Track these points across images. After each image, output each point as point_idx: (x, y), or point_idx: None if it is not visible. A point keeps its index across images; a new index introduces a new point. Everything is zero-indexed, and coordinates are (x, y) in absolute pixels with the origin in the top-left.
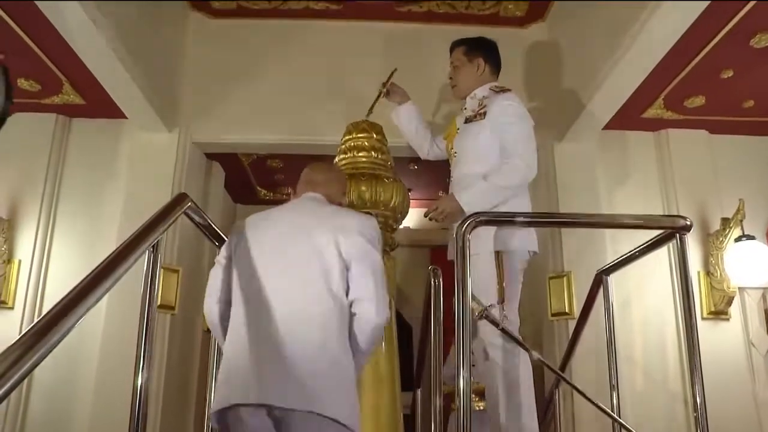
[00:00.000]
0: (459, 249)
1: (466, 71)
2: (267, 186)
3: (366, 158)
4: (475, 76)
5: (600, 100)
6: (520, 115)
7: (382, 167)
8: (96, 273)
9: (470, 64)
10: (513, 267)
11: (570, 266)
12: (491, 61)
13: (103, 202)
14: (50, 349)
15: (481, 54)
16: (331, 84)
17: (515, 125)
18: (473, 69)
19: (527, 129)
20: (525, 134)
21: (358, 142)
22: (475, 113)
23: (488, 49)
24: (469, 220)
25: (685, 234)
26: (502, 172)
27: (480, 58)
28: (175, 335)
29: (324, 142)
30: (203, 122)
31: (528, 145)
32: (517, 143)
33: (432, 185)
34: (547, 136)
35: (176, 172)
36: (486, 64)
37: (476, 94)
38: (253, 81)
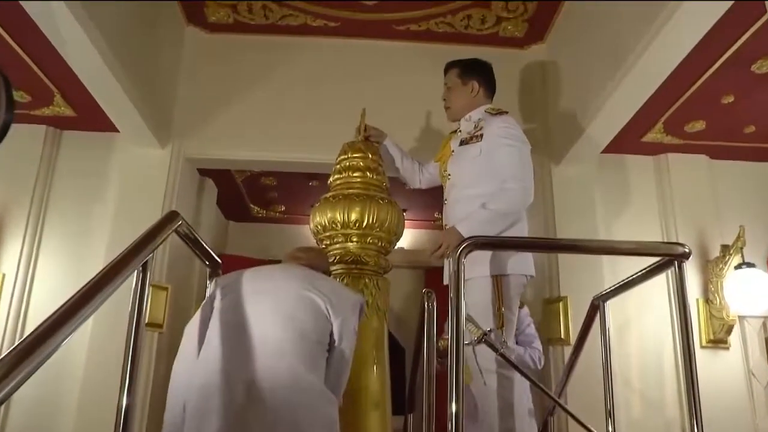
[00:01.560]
0: (454, 273)
1: (460, 93)
2: (260, 203)
3: (361, 179)
4: (469, 99)
5: (599, 124)
6: (517, 138)
7: (377, 188)
8: (83, 293)
9: (464, 87)
10: (510, 291)
11: (566, 291)
12: (486, 83)
13: (92, 217)
14: (34, 369)
15: (475, 76)
16: (327, 102)
17: (513, 148)
18: (467, 91)
19: (525, 152)
20: (522, 158)
21: (353, 162)
22: (471, 136)
23: (483, 71)
24: (464, 244)
25: (683, 261)
26: (500, 197)
27: (474, 81)
28: (162, 353)
29: (319, 161)
30: (197, 138)
31: (525, 169)
32: (515, 167)
33: (428, 206)
34: (544, 159)
35: (168, 188)
36: (480, 87)
37: (471, 117)
38: (248, 97)
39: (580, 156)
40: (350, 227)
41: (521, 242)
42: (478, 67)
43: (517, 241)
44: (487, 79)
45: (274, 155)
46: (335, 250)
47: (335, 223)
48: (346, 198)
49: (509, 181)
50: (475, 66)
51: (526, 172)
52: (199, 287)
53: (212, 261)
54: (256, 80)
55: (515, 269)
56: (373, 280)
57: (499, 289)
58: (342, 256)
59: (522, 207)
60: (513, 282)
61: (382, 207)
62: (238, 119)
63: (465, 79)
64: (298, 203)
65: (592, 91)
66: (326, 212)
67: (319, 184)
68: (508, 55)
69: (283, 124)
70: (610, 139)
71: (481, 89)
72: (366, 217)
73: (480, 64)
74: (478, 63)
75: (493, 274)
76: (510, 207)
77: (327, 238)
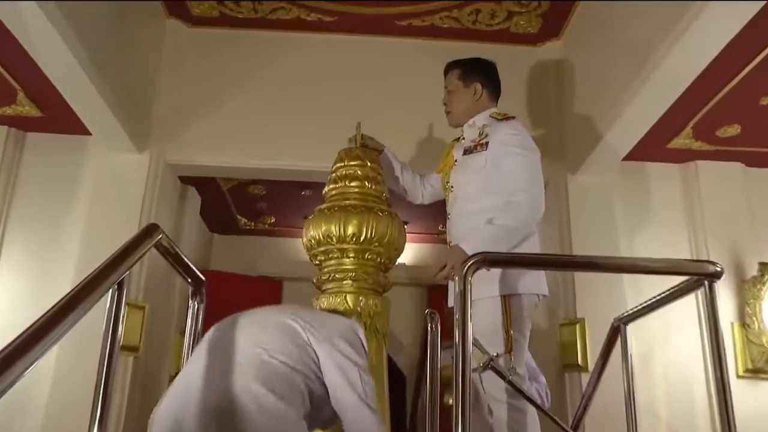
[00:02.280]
0: (459, 293)
1: (462, 96)
2: (248, 215)
3: (358, 189)
4: (471, 102)
5: (620, 128)
6: (525, 146)
7: (376, 199)
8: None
9: (466, 89)
10: (521, 313)
11: (583, 313)
12: (490, 85)
13: (60, 229)
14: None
15: (478, 77)
16: (322, 104)
17: (521, 157)
18: (469, 94)
19: (534, 161)
20: (531, 167)
21: (350, 171)
22: (475, 144)
23: (486, 71)
24: (470, 262)
25: (715, 281)
26: (508, 211)
27: (477, 82)
28: (138, 379)
29: (312, 169)
30: (178, 142)
31: (534, 180)
32: (523, 178)
33: (431, 218)
34: (559, 167)
35: (146, 198)
36: (484, 89)
37: (475, 123)
38: (235, 98)
39: (598, 164)
40: (347, 242)
41: (533, 259)
42: (481, 68)
43: (529, 257)
44: (491, 80)
45: (264, 162)
46: (330, 267)
47: (330, 237)
48: (342, 210)
49: (517, 194)
50: (478, 66)
51: (536, 183)
52: (180, 306)
53: (195, 278)
54: (245, 79)
55: (526, 288)
56: (371, 300)
57: (508, 310)
58: (337, 273)
59: (532, 221)
60: (524, 302)
61: (382, 220)
62: (225, 122)
63: (467, 80)
64: (290, 215)
65: (613, 92)
66: (320, 225)
67: (312, 194)
68: (519, 53)
69: (273, 128)
70: (632, 145)
71: (484, 92)
72: (364, 231)
73: (483, 63)
74: (480, 63)
75: (502, 293)
76: (519, 222)
77: (321, 254)
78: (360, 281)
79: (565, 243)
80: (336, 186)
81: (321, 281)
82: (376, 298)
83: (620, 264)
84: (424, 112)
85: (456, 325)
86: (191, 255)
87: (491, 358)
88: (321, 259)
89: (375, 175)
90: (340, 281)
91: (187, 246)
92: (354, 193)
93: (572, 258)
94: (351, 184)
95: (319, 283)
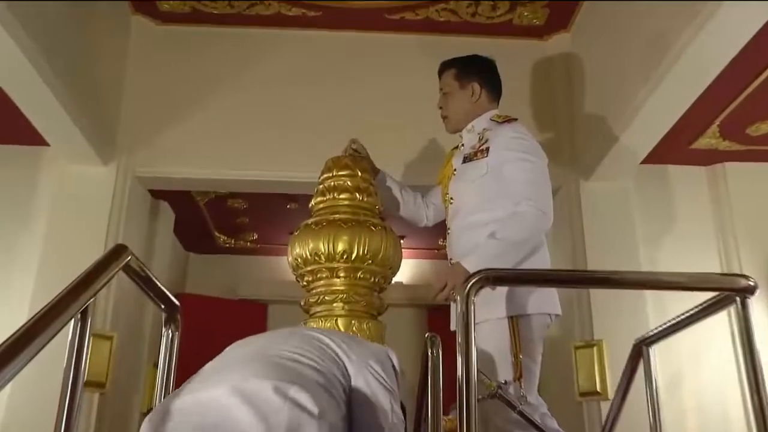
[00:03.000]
0: (462, 315)
1: (459, 99)
2: (228, 231)
3: (348, 201)
4: (469, 104)
5: (638, 128)
6: (530, 150)
7: (368, 212)
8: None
9: (462, 90)
10: (530, 335)
11: (601, 334)
12: (489, 84)
13: (15, 251)
14: None
15: (475, 76)
16: (307, 109)
17: (525, 163)
18: (466, 95)
19: (539, 167)
20: (537, 173)
21: (338, 182)
22: (475, 150)
23: (484, 69)
24: (473, 279)
25: (748, 297)
26: (511, 223)
27: (474, 82)
28: (105, 419)
29: (298, 179)
30: (148, 152)
31: (540, 187)
32: (527, 185)
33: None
34: (570, 173)
35: (113, 215)
36: (482, 89)
37: (474, 127)
38: (211, 103)
39: (614, 168)
40: (337, 260)
41: (543, 275)
42: (477, 65)
43: (538, 274)
44: (490, 78)
45: (244, 173)
46: (318, 288)
47: (318, 255)
48: (331, 225)
49: (522, 203)
50: (474, 64)
51: (542, 191)
52: (153, 335)
53: (169, 304)
54: (221, 82)
55: (536, 308)
56: (364, 324)
57: (516, 333)
58: (326, 295)
59: (538, 233)
60: (534, 323)
61: (375, 235)
62: (200, 129)
63: (463, 81)
64: (274, 230)
65: (629, 87)
66: (307, 242)
67: (298, 207)
68: (524, 48)
69: (254, 135)
70: (651, 146)
71: (483, 92)
72: (355, 248)
73: (480, 61)
74: (477, 60)
75: (510, 314)
76: (523, 234)
77: (309, 274)
78: (352, 303)
79: (578, 257)
80: (324, 198)
81: (309, 304)
82: (370, 322)
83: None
84: (421, 115)
85: (458, 351)
86: (164, 277)
87: (499, 386)
88: (309, 280)
89: (366, 185)
90: (330, 304)
91: (160, 267)
92: (344, 206)
93: (587, 273)
94: (340, 196)
95: (307, 306)
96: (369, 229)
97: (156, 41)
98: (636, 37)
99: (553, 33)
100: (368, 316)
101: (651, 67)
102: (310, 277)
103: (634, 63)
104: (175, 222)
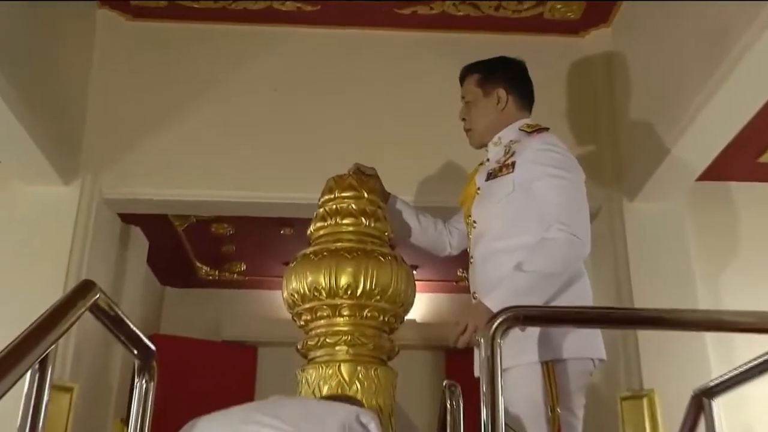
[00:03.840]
0: (487, 360)
1: (482, 108)
2: (211, 261)
3: (353, 227)
4: (495, 114)
5: (693, 139)
6: (563, 165)
7: (376, 240)
8: None
9: (487, 98)
10: (568, 384)
11: (653, 382)
12: (517, 90)
13: None
14: None
15: (501, 81)
16: (304, 118)
17: (557, 180)
18: (491, 104)
19: (574, 184)
20: (571, 192)
21: (341, 205)
22: (500, 165)
23: (511, 73)
24: (499, 319)
25: None
26: (541, 252)
27: (500, 88)
28: None
29: (293, 201)
30: (117, 170)
31: (575, 208)
32: (559, 206)
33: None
34: (613, 192)
35: (75, 244)
36: (509, 96)
37: (501, 139)
38: (190, 112)
39: (665, 186)
40: (340, 296)
41: (581, 314)
42: (503, 69)
43: (575, 312)
44: (518, 83)
45: (230, 193)
46: (319, 329)
47: (318, 289)
48: (333, 254)
49: (553, 228)
50: (499, 67)
51: (577, 214)
52: (121, 386)
53: (142, 349)
54: (203, 88)
55: (575, 351)
56: (372, 371)
57: (551, 381)
58: (328, 337)
59: (573, 262)
60: (573, 369)
61: (384, 266)
62: (178, 143)
63: (487, 87)
64: (265, 260)
65: (683, 91)
66: (306, 274)
67: (293, 233)
68: (557, 46)
69: (241, 150)
70: (709, 160)
71: (510, 99)
72: (361, 282)
73: (506, 63)
74: (503, 63)
75: (544, 359)
76: (555, 265)
77: (307, 312)
78: (357, 346)
79: (623, 291)
80: (325, 224)
81: (307, 347)
82: (379, 368)
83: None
84: (437, 126)
85: (482, 401)
86: (136, 316)
87: None
88: (307, 319)
89: (374, 209)
90: (331, 347)
91: (131, 304)
92: (348, 233)
93: (635, 312)
94: (344, 221)
95: (305, 350)
96: (377, 259)
97: (126, 40)
98: (691, 32)
99: (591, 28)
100: (376, 361)
101: (710, 67)
102: (309, 316)
103: (689, 62)
104: (149, 251)
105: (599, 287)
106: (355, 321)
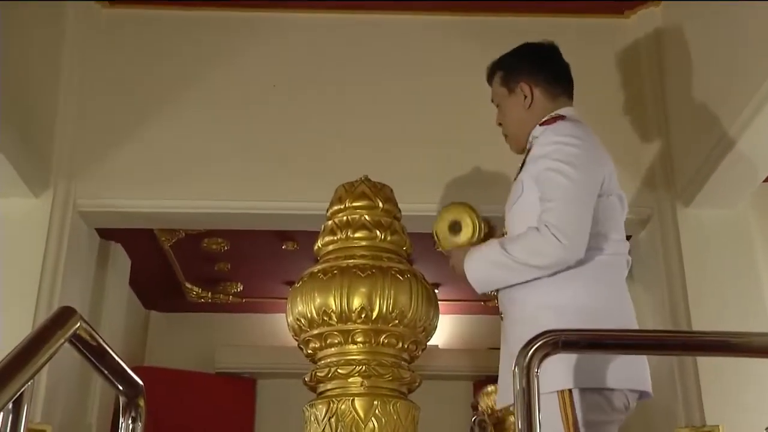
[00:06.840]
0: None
1: (511, 108)
2: (202, 281)
3: (367, 241)
4: (524, 112)
5: (759, 133)
6: (571, 160)
7: (393, 255)
8: None
9: (512, 96)
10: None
11: (717, 418)
12: (542, 78)
13: None
14: None
15: (523, 74)
16: (306, 118)
17: (558, 176)
18: (518, 102)
19: (578, 184)
20: (571, 192)
21: (353, 216)
22: (521, 164)
23: (531, 60)
24: (537, 343)
25: None
26: (521, 240)
27: (522, 82)
28: None
29: (295, 212)
30: (94, 179)
31: (570, 211)
32: (552, 207)
33: None
34: (665, 196)
35: (47, 263)
36: (535, 89)
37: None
38: (176, 112)
39: (725, 190)
40: (352, 320)
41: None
42: (521, 58)
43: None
44: (543, 71)
45: (224, 203)
46: (329, 358)
47: (328, 313)
48: (344, 273)
49: (541, 225)
50: (518, 57)
51: (570, 217)
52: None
53: (127, 383)
54: (191, 84)
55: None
56: (390, 406)
57: (570, 414)
58: (340, 368)
59: (550, 266)
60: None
61: (402, 285)
62: (163, 147)
63: (510, 84)
64: (265, 280)
65: (748, 76)
66: (313, 296)
67: (297, 248)
68: (599, 28)
69: (236, 155)
70: None
71: (536, 92)
72: (377, 303)
73: (525, 51)
74: (522, 51)
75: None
76: (527, 257)
77: (315, 339)
78: (373, 378)
79: (678, 311)
80: (334, 238)
81: (316, 379)
82: (398, 403)
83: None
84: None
85: None
86: (118, 346)
87: None
88: (315, 347)
89: (391, 220)
90: (344, 379)
91: (111, 332)
92: (360, 248)
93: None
94: (356, 234)
95: (314, 383)
96: (395, 277)
97: (102, 31)
98: (757, 7)
99: (637, 7)
100: (395, 394)
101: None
102: (318, 344)
103: (755, 41)
104: (132, 271)
105: (648, 305)
106: (370, 348)
